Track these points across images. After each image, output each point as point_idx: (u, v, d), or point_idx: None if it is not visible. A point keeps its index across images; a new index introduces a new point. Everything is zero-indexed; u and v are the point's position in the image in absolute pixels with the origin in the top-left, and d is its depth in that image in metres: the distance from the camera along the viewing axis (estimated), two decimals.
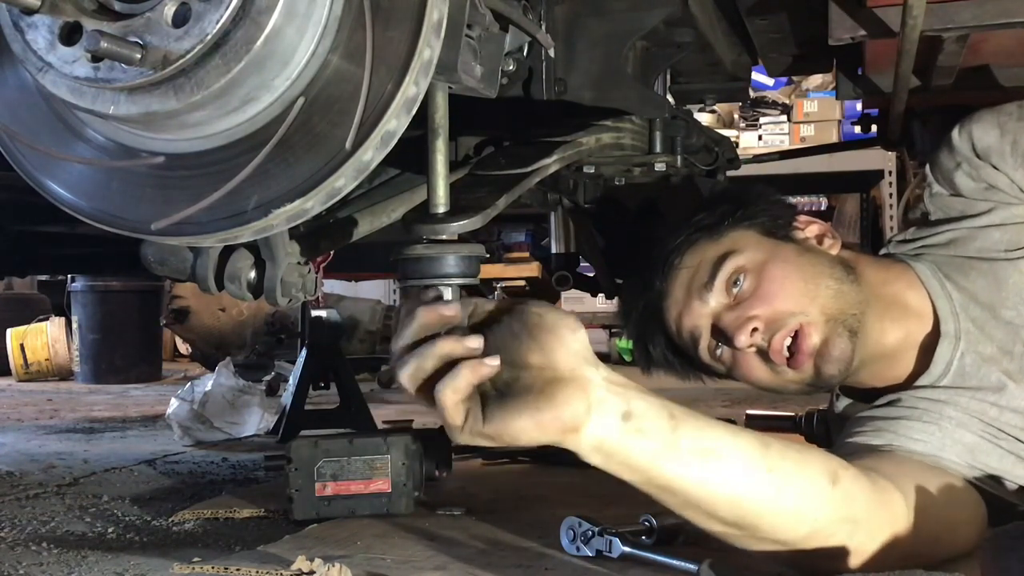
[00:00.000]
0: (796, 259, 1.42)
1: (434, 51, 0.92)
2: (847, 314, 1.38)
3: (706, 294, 1.42)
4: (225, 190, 0.91)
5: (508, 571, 1.45)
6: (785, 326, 1.37)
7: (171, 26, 0.86)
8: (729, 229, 1.45)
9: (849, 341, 1.38)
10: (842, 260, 1.45)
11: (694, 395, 4.60)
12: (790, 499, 1.14)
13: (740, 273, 1.40)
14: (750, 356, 1.41)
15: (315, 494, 1.82)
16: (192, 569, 1.46)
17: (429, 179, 1.09)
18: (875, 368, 1.45)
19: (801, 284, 1.39)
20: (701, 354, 1.46)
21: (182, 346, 6.89)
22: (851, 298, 1.39)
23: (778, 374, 1.41)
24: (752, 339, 1.38)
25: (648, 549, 1.44)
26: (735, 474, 1.11)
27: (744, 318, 1.38)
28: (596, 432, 1.03)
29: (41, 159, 1.01)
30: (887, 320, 1.42)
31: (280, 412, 3.13)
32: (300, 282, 1.21)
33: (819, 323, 1.37)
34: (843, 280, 1.41)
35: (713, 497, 1.10)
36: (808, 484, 1.15)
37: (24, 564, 1.61)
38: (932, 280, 1.43)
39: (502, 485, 2.15)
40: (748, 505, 1.12)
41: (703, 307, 1.42)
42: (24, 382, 5.82)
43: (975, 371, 1.39)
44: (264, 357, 5.26)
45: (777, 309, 1.38)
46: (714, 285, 1.41)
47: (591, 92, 1.52)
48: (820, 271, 1.41)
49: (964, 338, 1.40)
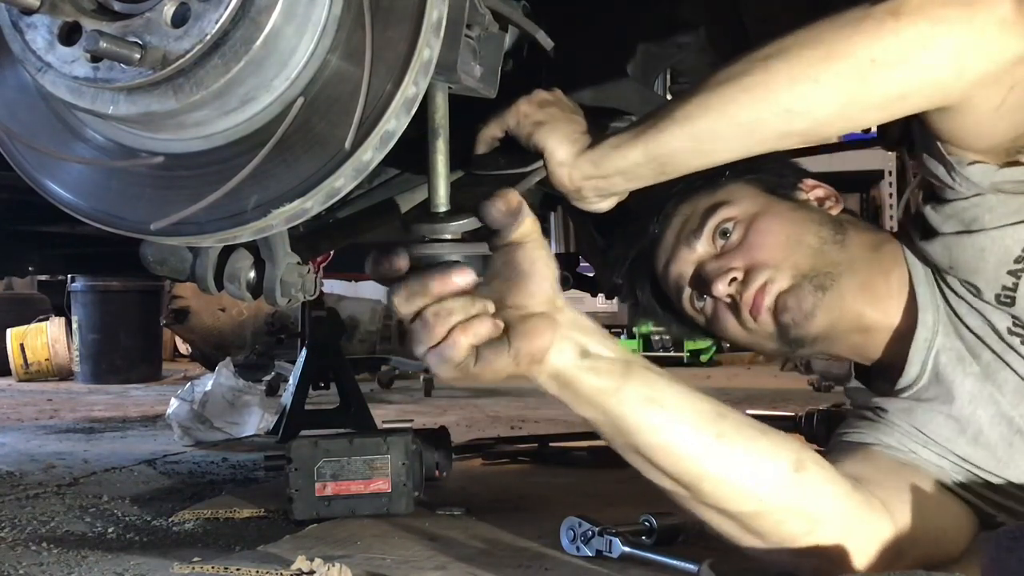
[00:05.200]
0: (788, 214, 1.42)
1: (434, 51, 0.92)
2: (819, 271, 1.37)
3: (694, 241, 1.43)
4: (224, 190, 0.91)
5: (508, 571, 1.45)
6: (757, 280, 1.37)
7: (170, 26, 0.86)
8: (728, 182, 1.46)
9: (812, 295, 1.36)
10: (835, 220, 1.44)
11: None
12: (739, 470, 1.17)
13: (730, 223, 1.41)
14: (724, 308, 1.42)
15: (315, 494, 1.82)
16: (192, 569, 1.46)
17: (429, 179, 1.09)
18: (851, 340, 1.42)
19: (783, 238, 1.39)
20: (684, 303, 1.47)
21: (182, 346, 6.89)
22: (829, 258, 1.38)
23: (747, 329, 1.41)
24: (730, 288, 1.38)
25: (648, 549, 1.44)
26: (678, 429, 1.15)
27: (725, 267, 1.39)
28: (554, 361, 1.09)
29: (40, 159, 1.01)
30: (867, 292, 1.39)
31: (280, 412, 3.14)
32: (300, 282, 1.21)
33: (785, 277, 1.37)
34: (827, 240, 1.39)
35: (651, 445, 1.15)
36: (763, 462, 1.18)
37: (24, 564, 1.61)
38: (917, 262, 1.40)
39: (502, 485, 2.16)
40: (689, 463, 1.16)
41: (690, 254, 1.44)
42: (24, 382, 5.82)
43: (949, 373, 1.36)
44: (264, 357, 5.26)
45: (756, 260, 1.38)
46: (702, 233, 1.42)
47: (591, 92, 1.52)
48: (807, 228, 1.40)
49: (942, 331, 1.37)
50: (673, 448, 1.15)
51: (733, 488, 1.17)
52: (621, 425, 1.14)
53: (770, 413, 2.83)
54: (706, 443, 1.16)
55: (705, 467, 1.16)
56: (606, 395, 1.12)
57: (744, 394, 4.19)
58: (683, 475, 1.16)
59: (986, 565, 1.00)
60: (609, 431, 1.16)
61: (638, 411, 1.13)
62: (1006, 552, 0.99)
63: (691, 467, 1.16)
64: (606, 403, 1.12)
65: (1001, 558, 0.99)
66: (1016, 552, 0.98)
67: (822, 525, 1.20)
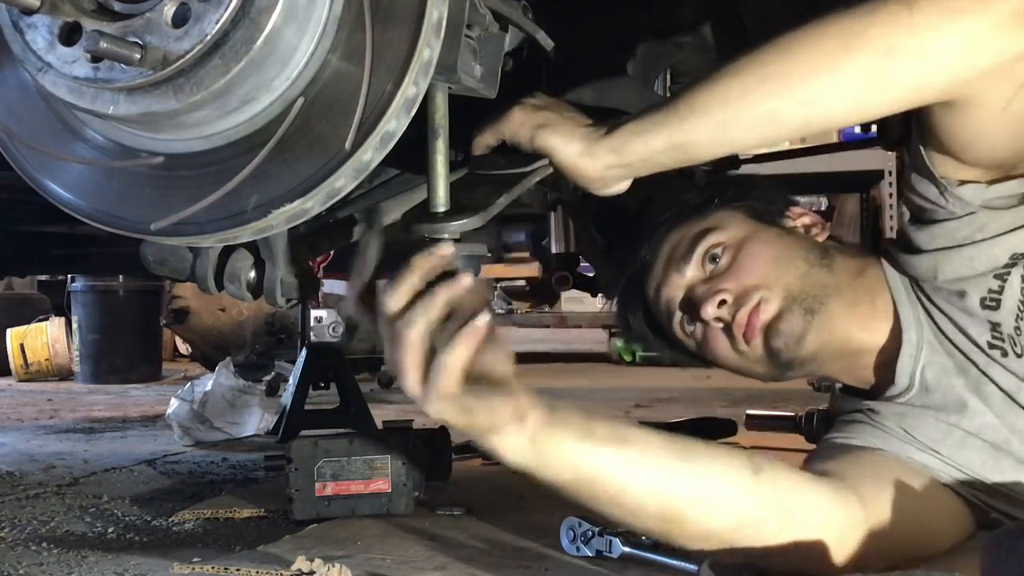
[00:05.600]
0: (775, 240, 1.44)
1: (434, 51, 0.92)
2: (808, 294, 1.39)
3: (683, 266, 1.45)
4: (225, 190, 0.91)
5: (508, 571, 1.45)
6: (750, 302, 1.39)
7: (171, 26, 0.86)
8: (717, 209, 1.49)
9: (802, 318, 1.38)
10: (821, 247, 1.46)
11: (694, 395, 4.61)
12: (711, 486, 1.18)
13: (718, 248, 1.43)
14: (717, 332, 1.43)
15: (315, 494, 1.82)
16: (192, 569, 1.46)
17: (429, 179, 1.09)
18: (841, 363, 1.46)
19: (773, 262, 1.41)
20: (675, 327, 1.48)
21: (182, 346, 6.89)
22: (817, 281, 1.40)
23: (739, 352, 1.42)
24: (719, 311, 1.40)
25: (648, 549, 1.44)
26: (653, 460, 1.17)
27: (714, 290, 1.40)
28: (535, 419, 1.10)
29: (40, 159, 1.01)
30: (855, 316, 1.41)
31: (280, 412, 3.13)
32: (300, 282, 1.21)
33: (777, 299, 1.38)
34: (815, 264, 1.41)
35: (635, 486, 1.16)
36: (727, 471, 1.19)
37: (24, 564, 1.61)
38: (899, 284, 1.43)
39: (502, 485, 2.15)
40: (670, 492, 1.17)
41: (680, 279, 1.45)
42: (24, 382, 5.81)
43: (937, 385, 1.38)
44: (264, 357, 5.26)
45: (746, 284, 1.39)
46: (691, 258, 1.44)
47: (591, 92, 1.52)
48: (794, 253, 1.42)
49: (927, 347, 1.39)
50: (657, 484, 1.16)
51: (712, 506, 1.19)
52: (602, 473, 1.15)
53: (770, 413, 2.82)
54: (678, 468, 1.18)
55: (685, 493, 1.17)
56: (583, 442, 1.13)
57: (744, 394, 4.18)
58: (668, 509, 1.17)
59: (986, 564, 1.01)
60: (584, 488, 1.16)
61: (613, 452, 1.15)
62: (1006, 552, 0.99)
63: (674, 497, 1.17)
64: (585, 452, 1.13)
65: (1001, 558, 0.99)
66: (1016, 552, 0.98)
67: (795, 519, 1.21)
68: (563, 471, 1.14)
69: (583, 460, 1.13)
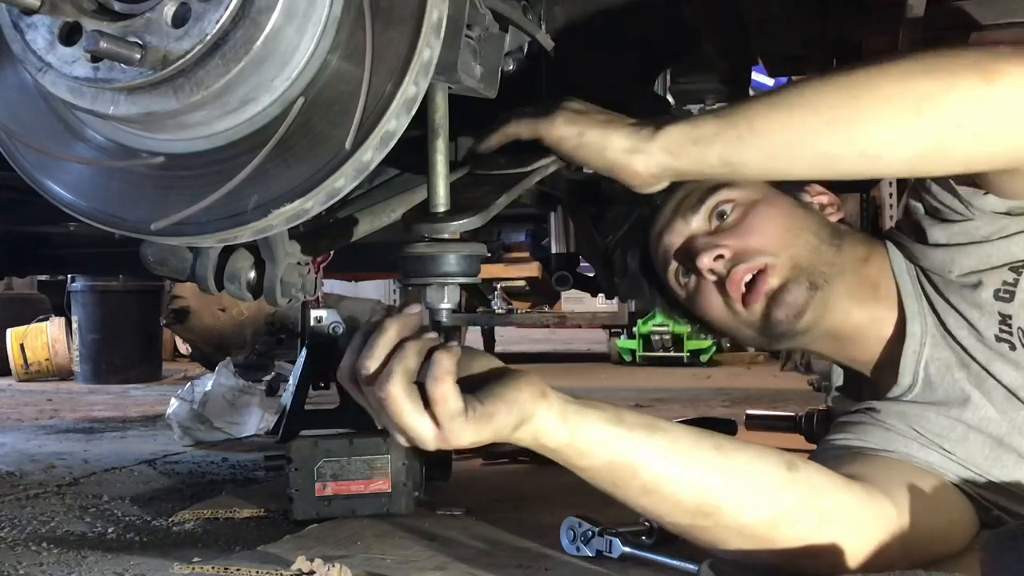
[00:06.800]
0: (789, 209, 1.43)
1: (434, 51, 0.92)
2: (815, 269, 1.38)
3: (690, 215, 1.43)
4: (225, 190, 0.91)
5: (508, 571, 1.45)
6: (750, 261, 1.37)
7: (171, 26, 0.86)
8: None
9: (806, 292, 1.37)
10: (833, 226, 1.45)
11: (694, 395, 4.61)
12: (746, 477, 1.18)
13: (729, 204, 1.41)
14: (710, 287, 1.41)
15: (315, 494, 1.82)
16: (192, 569, 1.46)
17: (429, 179, 1.09)
18: (836, 343, 1.45)
19: (783, 230, 1.39)
20: (669, 276, 1.47)
21: (182, 346, 6.89)
22: (825, 258, 1.39)
23: (731, 311, 1.41)
24: (714, 264, 1.39)
25: (648, 549, 1.44)
26: (686, 450, 1.15)
27: (714, 244, 1.39)
28: (556, 397, 1.09)
29: (40, 159, 1.01)
30: (856, 297, 1.41)
31: (280, 412, 3.13)
32: (300, 282, 1.21)
33: (784, 268, 1.37)
34: (824, 241, 1.40)
35: (669, 476, 1.14)
36: (761, 464, 1.19)
37: (24, 564, 1.61)
38: (904, 274, 1.42)
39: (502, 485, 2.16)
40: (706, 484, 1.16)
41: (684, 227, 1.44)
42: (24, 382, 5.82)
43: (940, 380, 1.38)
44: (264, 357, 5.26)
45: (749, 245, 1.38)
46: (700, 209, 1.42)
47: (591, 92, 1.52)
48: (806, 226, 1.41)
49: (930, 341, 1.39)
50: (683, 470, 1.15)
51: (747, 498, 1.17)
52: (630, 460, 1.13)
53: (770, 413, 2.82)
54: (712, 459, 1.16)
55: (720, 485, 1.16)
56: (613, 426, 1.12)
57: (744, 394, 4.19)
58: (704, 502, 1.16)
59: (986, 564, 1.01)
60: (619, 474, 1.14)
61: (644, 438, 1.13)
62: (1006, 551, 0.99)
63: (709, 488, 1.16)
64: (617, 438, 1.12)
65: (1001, 557, 0.99)
66: (1016, 551, 0.98)
67: (830, 519, 1.20)
68: (597, 454, 1.12)
69: (617, 445, 1.12)
